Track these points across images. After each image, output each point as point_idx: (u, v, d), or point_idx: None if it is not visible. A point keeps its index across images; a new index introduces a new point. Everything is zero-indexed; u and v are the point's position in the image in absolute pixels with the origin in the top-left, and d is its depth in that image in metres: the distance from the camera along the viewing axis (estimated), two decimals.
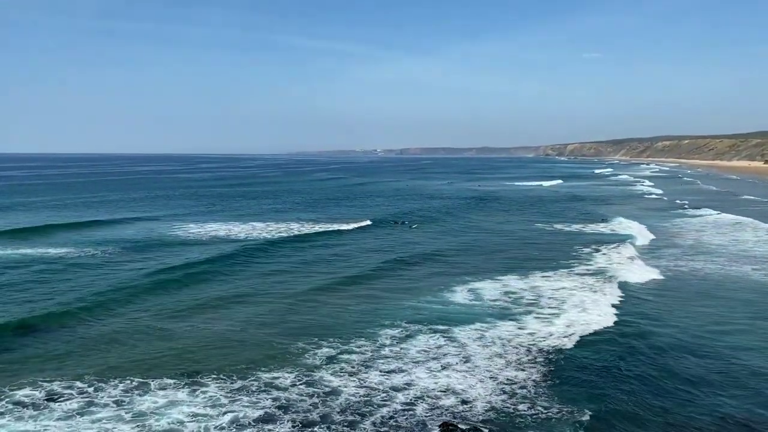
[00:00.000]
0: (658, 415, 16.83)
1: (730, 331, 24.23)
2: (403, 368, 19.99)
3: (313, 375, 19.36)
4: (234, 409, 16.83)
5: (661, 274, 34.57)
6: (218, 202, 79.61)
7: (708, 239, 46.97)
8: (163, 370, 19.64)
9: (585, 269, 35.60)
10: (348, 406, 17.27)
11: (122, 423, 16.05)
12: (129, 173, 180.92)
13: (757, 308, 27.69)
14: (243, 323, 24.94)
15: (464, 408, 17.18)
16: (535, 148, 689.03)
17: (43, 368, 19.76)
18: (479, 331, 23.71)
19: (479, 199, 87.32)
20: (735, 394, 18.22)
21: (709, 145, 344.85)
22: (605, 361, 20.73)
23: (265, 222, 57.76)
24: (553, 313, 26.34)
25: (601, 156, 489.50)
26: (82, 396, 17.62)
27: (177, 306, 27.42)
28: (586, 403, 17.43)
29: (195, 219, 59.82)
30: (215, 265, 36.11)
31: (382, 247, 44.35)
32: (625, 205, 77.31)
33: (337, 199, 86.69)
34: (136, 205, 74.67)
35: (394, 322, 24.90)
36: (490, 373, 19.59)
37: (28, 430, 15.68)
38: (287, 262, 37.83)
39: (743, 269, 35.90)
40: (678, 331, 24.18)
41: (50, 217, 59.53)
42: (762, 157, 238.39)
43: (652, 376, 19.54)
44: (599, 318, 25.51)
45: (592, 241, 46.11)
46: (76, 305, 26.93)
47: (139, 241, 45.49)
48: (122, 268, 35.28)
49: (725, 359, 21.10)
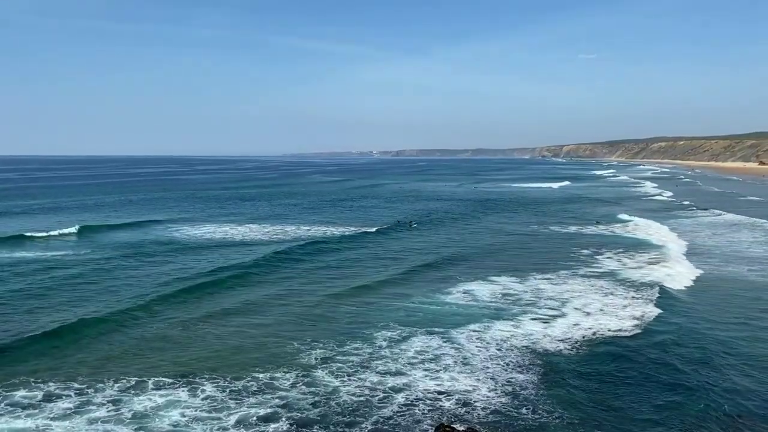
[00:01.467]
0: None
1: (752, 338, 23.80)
2: (466, 367, 20.08)
3: (313, 375, 19.46)
4: (241, 410, 16.94)
5: (703, 275, 34.40)
6: (216, 205, 79.57)
7: (732, 239, 47.54)
8: (202, 371, 19.69)
9: (635, 276, 34.23)
10: (347, 405, 17.36)
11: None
12: (126, 175, 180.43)
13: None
14: (260, 328, 25.00)
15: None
16: (531, 150, 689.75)
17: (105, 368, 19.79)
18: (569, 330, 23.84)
19: (492, 201, 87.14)
20: (742, 404, 18.34)
21: (704, 146, 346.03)
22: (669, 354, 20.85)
23: (263, 225, 57.77)
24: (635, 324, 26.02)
25: (596, 157, 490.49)
26: (116, 396, 17.68)
27: (214, 308, 27.44)
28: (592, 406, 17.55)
29: (192, 221, 59.82)
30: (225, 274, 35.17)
31: (405, 253, 44.32)
32: (638, 207, 76.10)
33: (337, 202, 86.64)
34: (136, 208, 74.57)
35: (442, 324, 25.00)
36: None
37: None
38: (299, 269, 37.73)
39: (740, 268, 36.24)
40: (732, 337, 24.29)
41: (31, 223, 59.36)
42: (757, 158, 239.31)
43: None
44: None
45: (624, 244, 45.25)
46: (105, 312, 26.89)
47: (135, 244, 45.47)
48: (139, 274, 35.29)
49: (751, 372, 20.58)
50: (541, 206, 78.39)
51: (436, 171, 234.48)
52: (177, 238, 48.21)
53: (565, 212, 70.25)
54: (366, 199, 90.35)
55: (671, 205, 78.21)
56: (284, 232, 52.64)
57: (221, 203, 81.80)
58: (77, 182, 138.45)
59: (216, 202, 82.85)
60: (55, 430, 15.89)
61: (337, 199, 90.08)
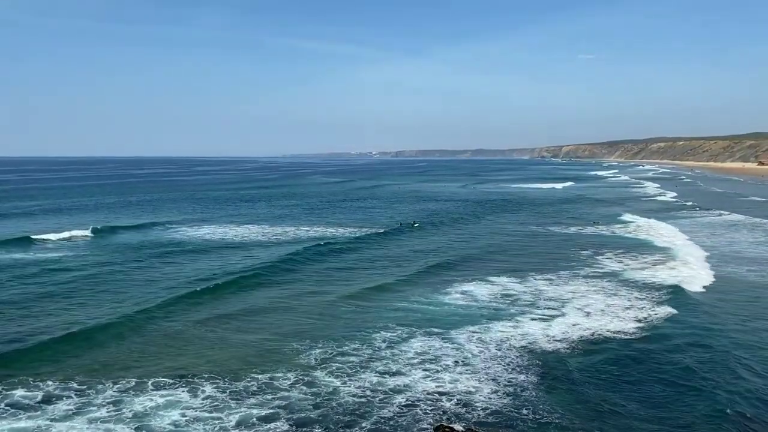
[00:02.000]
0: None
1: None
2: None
3: (313, 375, 19.49)
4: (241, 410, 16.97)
5: (717, 275, 34.15)
6: (216, 206, 79.62)
7: (740, 239, 47.87)
8: (201, 372, 19.71)
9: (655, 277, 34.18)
10: (347, 406, 17.38)
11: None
12: (125, 176, 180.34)
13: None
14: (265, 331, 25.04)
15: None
16: (530, 150, 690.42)
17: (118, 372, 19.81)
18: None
19: (492, 202, 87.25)
20: (735, 399, 18.36)
21: (704, 146, 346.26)
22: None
23: (263, 226, 57.80)
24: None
25: (596, 157, 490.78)
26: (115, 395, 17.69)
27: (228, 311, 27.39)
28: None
29: (192, 222, 59.85)
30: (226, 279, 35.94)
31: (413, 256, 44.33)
32: (642, 208, 75.70)
33: (337, 203, 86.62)
34: (136, 210, 74.60)
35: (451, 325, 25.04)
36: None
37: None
38: (299, 271, 37.71)
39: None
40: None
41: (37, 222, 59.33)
42: (756, 159, 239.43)
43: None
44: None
45: (630, 245, 45.17)
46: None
47: (135, 246, 45.50)
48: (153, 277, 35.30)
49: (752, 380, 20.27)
50: (544, 206, 78.45)
51: (436, 171, 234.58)
52: (177, 239, 48.22)
53: (566, 213, 70.34)
54: (366, 200, 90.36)
55: (674, 206, 78.22)
56: (284, 233, 52.64)
57: (221, 204, 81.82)
58: (76, 183, 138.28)
59: (216, 203, 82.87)
60: (56, 429, 15.91)
61: (336, 200, 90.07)
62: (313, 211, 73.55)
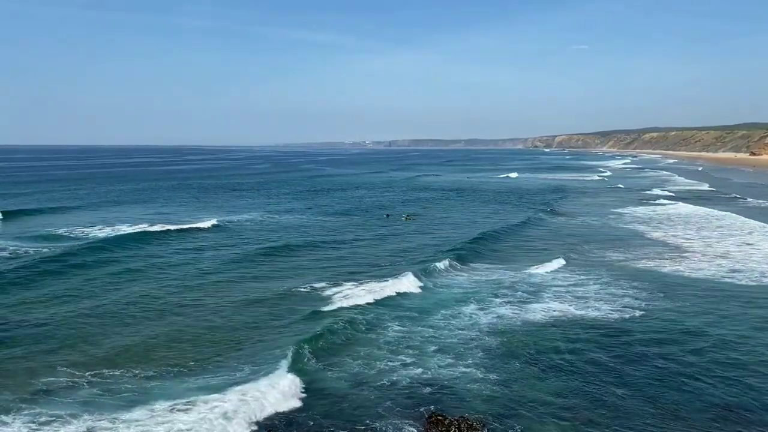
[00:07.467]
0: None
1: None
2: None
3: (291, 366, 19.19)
4: None
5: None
6: (188, 196, 79.10)
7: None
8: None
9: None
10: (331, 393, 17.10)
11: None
12: (116, 165, 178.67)
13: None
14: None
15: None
16: (523, 140, 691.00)
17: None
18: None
19: (484, 192, 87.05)
20: (730, 390, 18.18)
21: (696, 137, 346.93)
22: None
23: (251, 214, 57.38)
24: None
25: (588, 147, 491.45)
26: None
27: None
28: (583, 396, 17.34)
29: (185, 215, 59.25)
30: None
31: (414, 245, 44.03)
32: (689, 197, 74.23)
33: (323, 193, 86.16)
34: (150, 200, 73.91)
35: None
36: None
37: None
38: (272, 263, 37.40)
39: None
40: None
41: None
42: (748, 149, 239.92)
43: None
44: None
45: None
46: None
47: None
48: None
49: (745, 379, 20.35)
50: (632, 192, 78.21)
51: (428, 161, 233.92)
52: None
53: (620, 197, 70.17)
54: (356, 190, 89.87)
55: (716, 196, 75.43)
56: (276, 221, 52.20)
57: (206, 193, 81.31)
58: (61, 171, 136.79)
59: (201, 192, 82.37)
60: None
61: (325, 189, 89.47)
62: (301, 199, 73.04)
